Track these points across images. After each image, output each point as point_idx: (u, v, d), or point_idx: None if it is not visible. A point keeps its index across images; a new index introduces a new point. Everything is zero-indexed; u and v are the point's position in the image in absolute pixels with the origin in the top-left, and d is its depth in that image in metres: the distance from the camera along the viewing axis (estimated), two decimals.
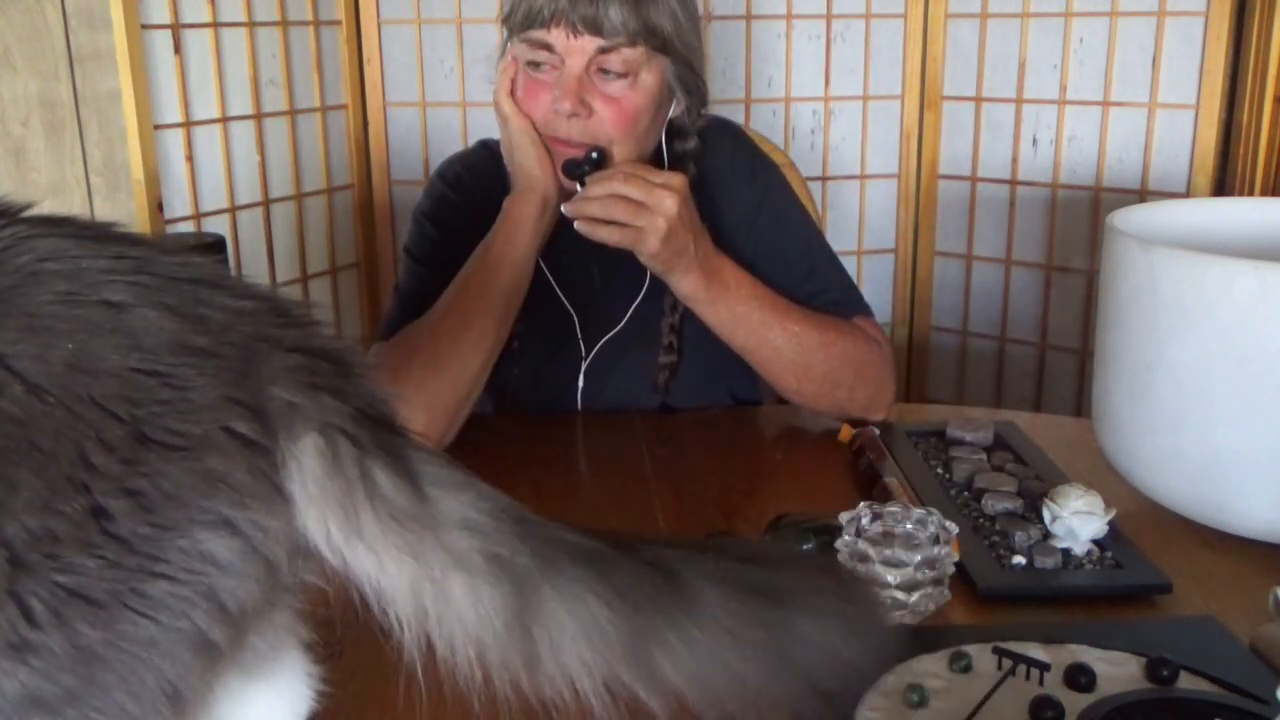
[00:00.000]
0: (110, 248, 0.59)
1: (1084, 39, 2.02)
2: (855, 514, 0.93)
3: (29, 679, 0.51)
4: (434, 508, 0.57)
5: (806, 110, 2.19)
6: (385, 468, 0.57)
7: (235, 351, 0.57)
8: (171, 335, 0.56)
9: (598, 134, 1.23)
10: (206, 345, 0.56)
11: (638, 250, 1.19)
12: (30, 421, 0.52)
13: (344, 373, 0.59)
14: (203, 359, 0.56)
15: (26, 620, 0.51)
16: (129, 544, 0.52)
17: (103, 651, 0.52)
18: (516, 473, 1.19)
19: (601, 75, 1.22)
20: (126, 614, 0.52)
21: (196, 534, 0.53)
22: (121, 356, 0.55)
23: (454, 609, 0.56)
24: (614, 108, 1.23)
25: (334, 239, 2.15)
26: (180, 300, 0.57)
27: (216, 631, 0.54)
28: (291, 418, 0.56)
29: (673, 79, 1.28)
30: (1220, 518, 1.02)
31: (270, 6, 1.96)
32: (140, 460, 0.53)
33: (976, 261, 2.21)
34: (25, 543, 0.51)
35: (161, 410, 0.54)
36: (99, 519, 0.52)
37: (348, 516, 0.56)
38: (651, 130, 1.29)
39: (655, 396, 1.40)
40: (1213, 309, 0.96)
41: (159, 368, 0.55)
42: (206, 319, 0.57)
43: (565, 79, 1.22)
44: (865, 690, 0.78)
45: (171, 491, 0.53)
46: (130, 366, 0.55)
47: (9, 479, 0.52)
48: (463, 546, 0.56)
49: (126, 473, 0.53)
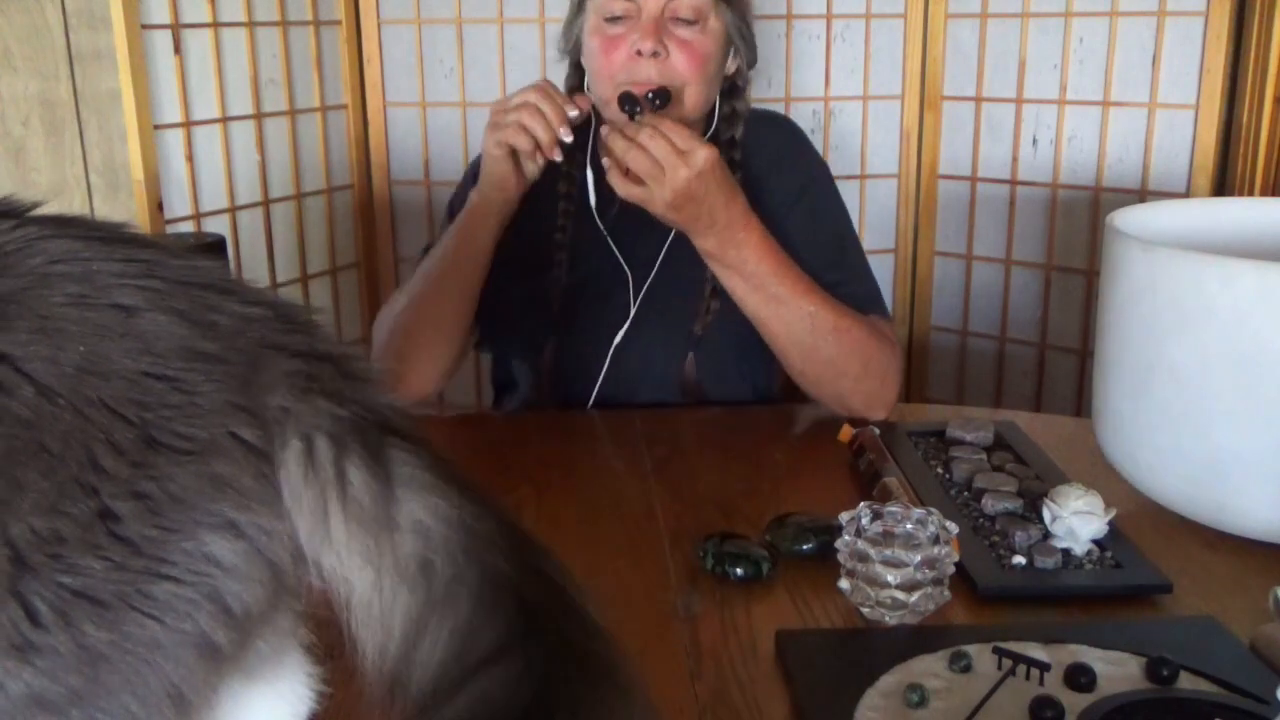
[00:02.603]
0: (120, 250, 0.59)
1: (1084, 39, 2.01)
2: (855, 514, 0.93)
3: (34, 679, 0.51)
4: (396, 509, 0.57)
5: (806, 110, 2.19)
6: (361, 468, 0.57)
7: (242, 358, 0.57)
8: (181, 340, 0.56)
9: (673, 77, 1.32)
10: (215, 351, 0.57)
11: (647, 208, 1.26)
12: (39, 423, 0.53)
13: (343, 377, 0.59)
14: (211, 364, 0.56)
15: (30, 620, 0.51)
16: (136, 546, 0.52)
17: (108, 652, 0.52)
18: (516, 473, 1.19)
19: (674, 22, 1.33)
20: (132, 615, 0.52)
21: (202, 536, 0.54)
22: (132, 360, 0.55)
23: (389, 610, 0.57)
24: (687, 50, 1.33)
25: (334, 239, 2.14)
26: (190, 305, 0.58)
27: (220, 634, 0.54)
28: (285, 423, 0.57)
29: (733, 30, 1.38)
30: (1220, 518, 1.02)
31: (270, 6, 1.96)
32: (148, 463, 0.53)
33: (976, 261, 2.21)
34: (30, 543, 0.51)
35: (170, 414, 0.54)
36: (106, 521, 0.52)
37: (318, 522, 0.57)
38: (716, 77, 1.39)
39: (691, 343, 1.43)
40: (1213, 309, 0.96)
41: (168, 372, 0.55)
42: (216, 325, 0.58)
43: (644, 23, 1.31)
44: (866, 687, 0.78)
45: (178, 494, 0.53)
46: (141, 370, 0.55)
47: (16, 480, 0.52)
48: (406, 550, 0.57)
49: (135, 475, 0.53)
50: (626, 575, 0.99)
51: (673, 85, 1.32)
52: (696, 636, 0.89)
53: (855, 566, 0.90)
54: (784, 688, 0.82)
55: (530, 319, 1.45)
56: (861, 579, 0.89)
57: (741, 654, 0.86)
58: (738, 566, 0.96)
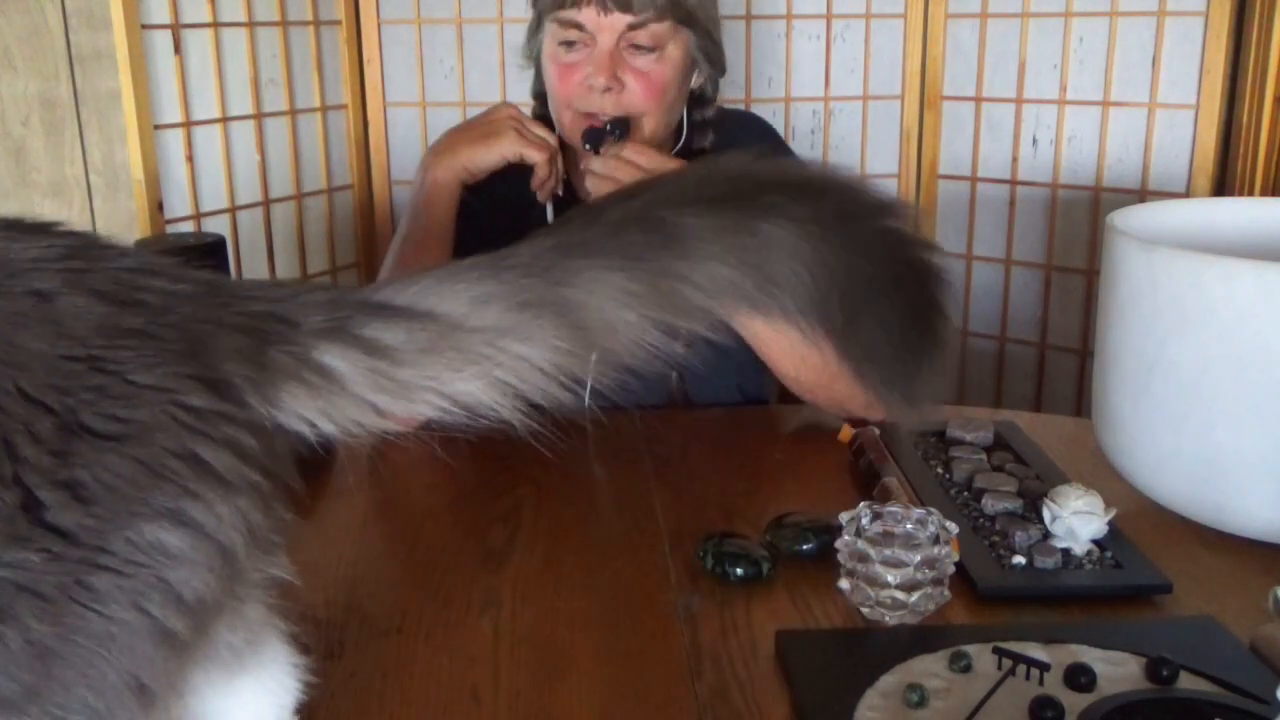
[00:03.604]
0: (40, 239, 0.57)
1: (1084, 39, 2.01)
2: (855, 514, 0.93)
3: None
4: (442, 316, 0.60)
5: (806, 110, 2.19)
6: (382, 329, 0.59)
7: (175, 333, 0.56)
8: (101, 318, 0.54)
9: (629, 107, 1.29)
10: (141, 326, 0.55)
11: None
12: None
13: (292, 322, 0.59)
14: (140, 340, 0.54)
15: None
16: (72, 536, 0.51)
17: (56, 646, 0.51)
18: (516, 473, 1.19)
19: (631, 50, 1.28)
20: (74, 607, 0.51)
21: (142, 525, 0.52)
22: (49, 345, 0.53)
23: (524, 363, 0.61)
24: (644, 81, 1.29)
25: (334, 239, 2.14)
26: (116, 286, 0.56)
27: (175, 622, 0.53)
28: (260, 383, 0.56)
29: (696, 50, 1.34)
30: (1220, 518, 1.02)
31: (270, 6, 1.96)
32: (72, 450, 0.52)
33: (976, 261, 2.21)
34: None
35: (93, 396, 0.52)
36: (31, 511, 0.51)
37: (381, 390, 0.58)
38: (677, 101, 1.35)
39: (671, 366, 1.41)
40: (1213, 309, 0.96)
41: (90, 351, 0.53)
42: (142, 302, 0.56)
43: (598, 56, 1.27)
44: (866, 687, 0.78)
45: (111, 483, 0.52)
46: (58, 354, 0.53)
47: None
48: (490, 319, 0.60)
49: (56, 464, 0.51)
50: (626, 575, 0.99)
51: (630, 114, 1.30)
52: (696, 636, 0.89)
53: (855, 566, 0.90)
54: (784, 688, 0.82)
55: None
56: (861, 579, 0.89)
57: (741, 654, 0.86)
58: (738, 566, 0.96)
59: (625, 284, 0.63)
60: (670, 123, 1.35)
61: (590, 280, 0.62)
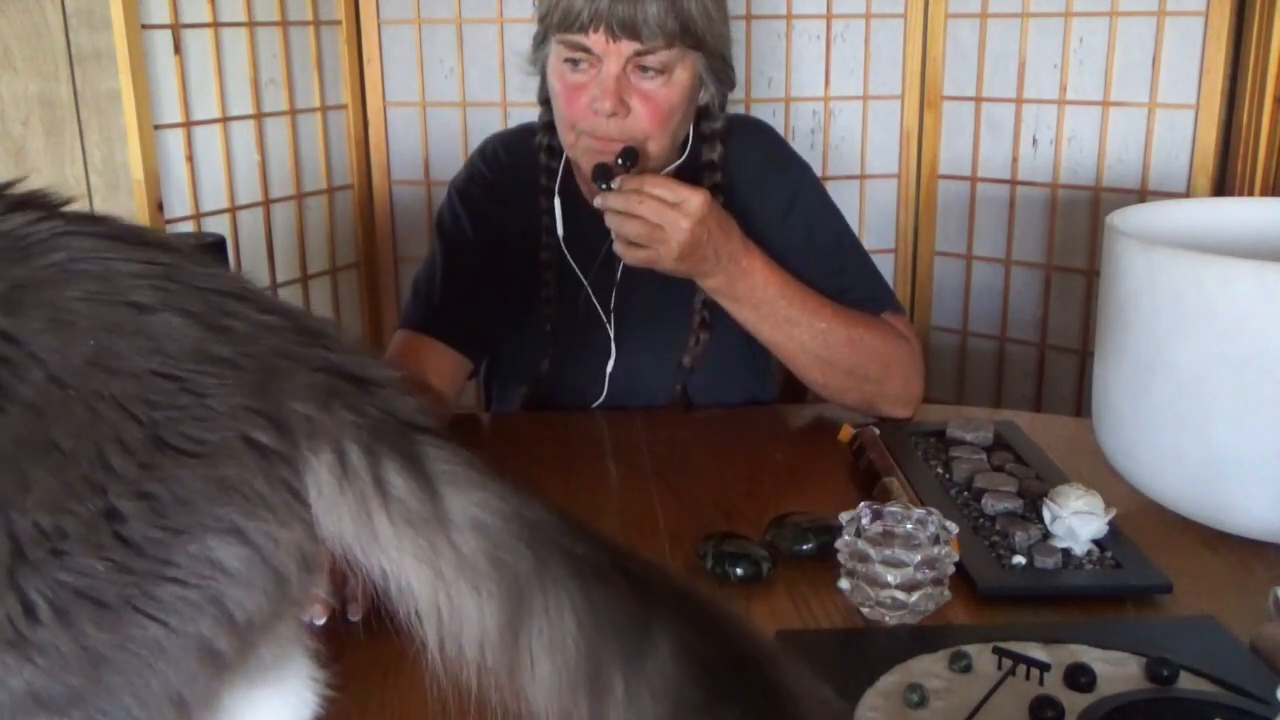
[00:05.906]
0: (141, 252, 0.59)
1: (1084, 39, 2.01)
2: (855, 514, 0.93)
3: (34, 677, 0.51)
4: (446, 507, 0.57)
5: (806, 110, 2.19)
6: (400, 472, 0.57)
7: (256, 364, 0.57)
8: (194, 342, 0.56)
9: (634, 131, 1.27)
10: (228, 355, 0.56)
11: (655, 268, 1.23)
12: (49, 412, 0.52)
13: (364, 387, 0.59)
14: (223, 368, 0.56)
15: (27, 616, 0.51)
16: (139, 548, 0.52)
17: (109, 654, 0.52)
18: (516, 473, 1.19)
19: (638, 72, 1.26)
20: (135, 617, 0.52)
21: (207, 540, 0.53)
22: (143, 358, 0.55)
23: (459, 610, 0.57)
24: (650, 105, 1.26)
25: (334, 239, 2.14)
26: (206, 309, 0.57)
27: (222, 641, 0.54)
28: (313, 432, 0.56)
29: (704, 71, 1.31)
30: (1220, 518, 1.02)
31: (270, 6, 1.96)
32: (156, 464, 0.53)
33: (976, 261, 2.21)
34: (32, 539, 0.51)
35: (178, 415, 0.54)
36: (111, 521, 0.52)
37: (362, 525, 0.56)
38: (684, 121, 1.33)
39: (682, 374, 1.42)
40: (1213, 309, 0.96)
41: (179, 372, 0.55)
42: (230, 329, 0.57)
43: (604, 80, 1.25)
44: (866, 687, 0.78)
45: (184, 496, 0.53)
46: (151, 369, 0.55)
47: (24, 474, 0.52)
48: (470, 548, 0.57)
49: (143, 476, 0.53)
50: None
51: (635, 140, 1.27)
52: None
53: (855, 566, 0.90)
54: None
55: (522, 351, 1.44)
56: (861, 579, 0.89)
57: None
58: (738, 566, 0.96)
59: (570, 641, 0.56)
60: (676, 142, 1.34)
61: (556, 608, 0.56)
